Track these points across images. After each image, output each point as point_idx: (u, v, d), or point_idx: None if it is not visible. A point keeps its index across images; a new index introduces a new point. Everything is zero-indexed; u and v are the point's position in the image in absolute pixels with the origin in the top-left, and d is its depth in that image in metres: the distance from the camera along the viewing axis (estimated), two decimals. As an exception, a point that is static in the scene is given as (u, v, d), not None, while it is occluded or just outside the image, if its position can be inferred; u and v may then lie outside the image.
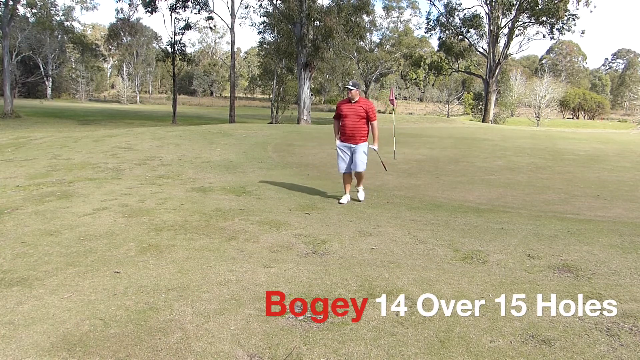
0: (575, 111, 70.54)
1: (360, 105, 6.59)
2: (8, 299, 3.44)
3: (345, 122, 6.61)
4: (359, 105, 6.58)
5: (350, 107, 6.60)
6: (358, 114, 6.56)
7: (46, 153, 11.52)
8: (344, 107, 6.65)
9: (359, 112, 6.56)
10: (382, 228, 5.54)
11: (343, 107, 6.65)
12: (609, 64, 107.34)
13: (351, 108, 6.59)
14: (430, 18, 46.10)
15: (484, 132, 23.80)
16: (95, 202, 6.54)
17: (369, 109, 6.60)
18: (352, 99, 6.57)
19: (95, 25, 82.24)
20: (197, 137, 15.70)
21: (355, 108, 6.58)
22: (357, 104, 6.58)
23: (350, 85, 6.54)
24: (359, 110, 6.56)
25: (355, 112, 6.57)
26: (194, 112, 50.70)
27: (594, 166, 12.63)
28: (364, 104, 6.62)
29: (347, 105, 6.61)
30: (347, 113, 6.59)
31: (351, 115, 6.57)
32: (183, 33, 36.35)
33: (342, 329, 3.09)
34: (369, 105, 6.68)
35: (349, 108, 6.60)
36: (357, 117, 6.56)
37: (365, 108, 6.58)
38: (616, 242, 4.98)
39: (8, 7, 31.91)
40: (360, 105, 6.59)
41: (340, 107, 6.71)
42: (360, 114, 6.56)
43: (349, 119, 6.57)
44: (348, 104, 6.61)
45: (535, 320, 3.20)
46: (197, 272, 4.02)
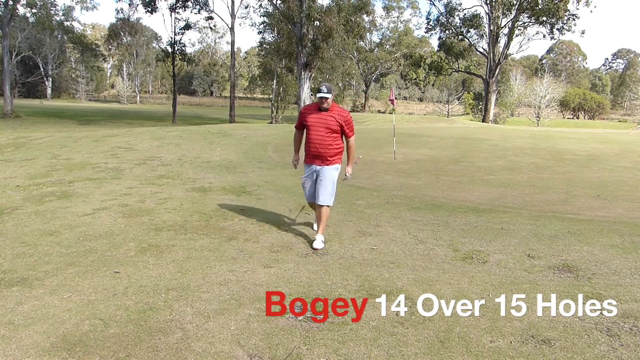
0: (576, 111, 70.53)
1: (333, 115, 4.81)
2: (8, 299, 3.44)
3: (311, 135, 4.87)
4: (331, 115, 4.80)
5: (319, 117, 4.83)
6: (328, 126, 4.79)
7: (46, 153, 11.52)
8: (309, 115, 4.88)
9: (330, 124, 4.79)
10: (382, 228, 5.55)
11: (308, 116, 4.88)
12: (609, 64, 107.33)
13: (319, 117, 4.82)
14: (430, 18, 46.12)
15: (484, 132, 23.80)
16: (95, 202, 6.54)
17: (344, 121, 4.83)
18: (323, 106, 4.81)
19: (95, 25, 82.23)
20: (197, 137, 15.70)
21: (325, 118, 4.80)
22: (328, 113, 4.82)
23: (325, 91, 4.71)
24: (329, 121, 4.80)
25: (324, 123, 4.80)
26: (194, 112, 50.70)
27: (594, 166, 12.63)
28: (338, 114, 4.83)
29: (315, 113, 4.85)
30: (312, 123, 4.83)
31: (318, 126, 4.81)
32: (183, 33, 36.35)
33: (342, 329, 3.09)
34: (345, 115, 4.87)
35: (317, 117, 4.83)
36: (327, 130, 4.80)
37: (339, 119, 4.80)
38: (616, 242, 4.98)
39: (8, 7, 31.90)
40: (332, 114, 4.81)
41: (304, 114, 4.94)
42: (331, 127, 4.80)
43: (315, 132, 4.83)
44: (316, 112, 4.85)
45: (535, 320, 3.20)
46: (197, 272, 4.02)
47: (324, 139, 4.82)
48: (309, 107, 4.95)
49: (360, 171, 10.70)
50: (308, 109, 4.93)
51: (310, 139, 4.88)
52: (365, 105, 69.99)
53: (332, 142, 4.86)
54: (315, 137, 4.84)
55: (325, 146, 4.83)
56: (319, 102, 4.79)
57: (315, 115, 4.85)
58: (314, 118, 4.84)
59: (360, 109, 68.95)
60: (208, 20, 37.41)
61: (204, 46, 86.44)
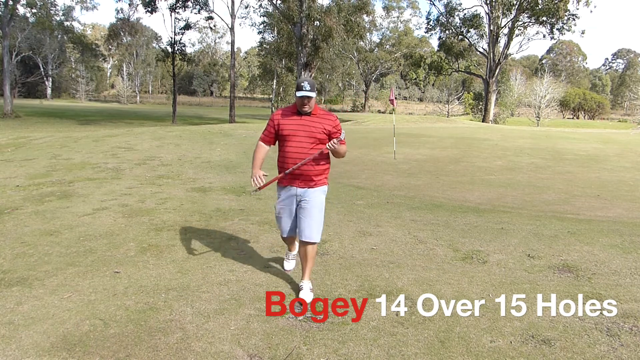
0: (576, 111, 70.56)
1: (318, 120, 3.64)
2: (8, 299, 3.44)
3: (289, 148, 3.63)
4: (316, 121, 3.63)
5: (301, 123, 3.63)
6: (313, 134, 3.61)
7: (46, 153, 11.52)
8: (286, 121, 3.67)
9: (316, 133, 3.61)
10: (382, 228, 5.54)
11: (285, 122, 3.67)
12: (609, 64, 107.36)
13: (302, 124, 3.63)
14: (430, 18, 46.15)
15: (484, 132, 23.80)
16: (95, 202, 6.54)
17: (333, 129, 3.65)
18: (305, 109, 3.60)
19: (95, 25, 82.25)
20: (197, 137, 15.70)
21: (309, 125, 3.62)
22: (311, 118, 3.63)
23: (308, 88, 3.52)
24: (314, 128, 3.61)
25: (308, 131, 3.61)
26: (194, 112, 50.72)
27: (594, 166, 12.63)
28: (326, 120, 3.66)
29: (295, 119, 3.65)
30: (292, 132, 3.63)
31: (300, 137, 3.61)
32: (183, 33, 36.35)
33: (342, 329, 3.09)
34: (333, 121, 3.68)
35: (297, 124, 3.64)
36: (312, 140, 3.61)
37: (326, 127, 3.63)
38: (616, 242, 4.98)
39: (8, 7, 31.90)
40: (317, 120, 3.64)
41: (278, 120, 3.70)
42: (316, 136, 3.61)
43: (295, 144, 3.61)
44: (296, 117, 3.65)
45: (535, 320, 3.20)
46: (197, 272, 4.02)
47: (307, 152, 3.57)
48: (285, 111, 3.71)
49: (360, 171, 10.70)
50: (283, 113, 3.69)
51: (289, 154, 3.60)
52: (365, 105, 70.03)
53: (319, 157, 3.63)
54: (297, 150, 3.57)
55: (310, 162, 3.59)
56: (299, 104, 3.55)
57: (294, 122, 3.61)
58: (294, 125, 3.61)
59: (360, 109, 68.98)
60: (208, 20, 37.42)
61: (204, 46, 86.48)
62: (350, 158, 12.79)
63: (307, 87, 3.50)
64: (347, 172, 10.29)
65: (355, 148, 15.09)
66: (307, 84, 3.51)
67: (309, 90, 3.51)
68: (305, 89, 3.49)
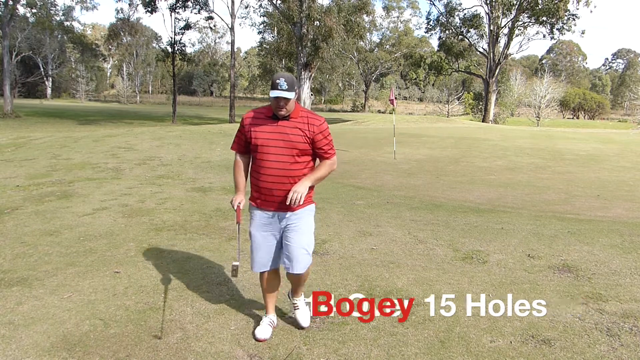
0: (576, 111, 70.56)
1: (298, 124, 2.90)
2: (8, 299, 3.44)
3: (264, 162, 2.91)
4: (295, 126, 2.89)
5: (275, 129, 2.90)
6: (293, 144, 2.88)
7: (46, 153, 11.52)
8: (259, 127, 2.93)
9: (296, 141, 2.88)
10: (382, 228, 5.54)
11: (257, 128, 2.92)
12: (609, 64, 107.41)
13: (278, 131, 2.90)
14: (430, 18, 46.16)
15: (484, 132, 23.80)
16: (95, 202, 6.54)
17: (318, 134, 2.91)
18: (281, 112, 2.85)
19: (95, 25, 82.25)
20: (197, 137, 15.70)
21: (286, 131, 2.89)
22: (290, 123, 2.90)
23: (284, 87, 2.77)
24: (294, 135, 2.88)
25: (286, 139, 2.88)
26: (194, 112, 50.71)
27: (594, 166, 12.63)
28: (309, 122, 2.91)
29: (270, 124, 2.91)
30: (266, 141, 2.90)
31: (276, 146, 2.89)
32: (183, 33, 36.34)
33: (342, 329, 3.09)
34: (318, 124, 2.92)
35: (272, 131, 2.90)
36: (292, 152, 2.88)
37: (309, 132, 2.90)
38: (616, 242, 4.98)
39: (8, 7, 31.91)
40: (297, 124, 2.90)
41: (249, 126, 2.95)
42: (297, 145, 2.88)
43: (271, 156, 2.89)
44: (271, 122, 2.91)
45: (535, 320, 3.20)
46: (197, 272, 4.02)
47: (288, 168, 2.85)
48: (257, 114, 2.94)
49: (360, 171, 10.70)
50: (255, 117, 2.93)
51: (265, 169, 2.87)
52: (365, 105, 70.03)
53: (302, 171, 2.89)
54: (274, 165, 2.85)
55: (291, 179, 2.86)
56: (274, 106, 2.81)
57: (268, 128, 2.86)
58: (268, 133, 2.86)
59: (360, 109, 68.97)
60: (208, 20, 37.44)
61: (204, 46, 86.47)
62: (350, 158, 12.79)
63: (283, 86, 2.72)
64: (347, 172, 10.29)
65: (355, 148, 15.09)
66: (283, 81, 2.73)
67: (285, 90, 2.72)
68: (281, 87, 2.72)
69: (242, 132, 2.98)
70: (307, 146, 2.89)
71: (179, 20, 36.03)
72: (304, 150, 2.89)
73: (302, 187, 2.83)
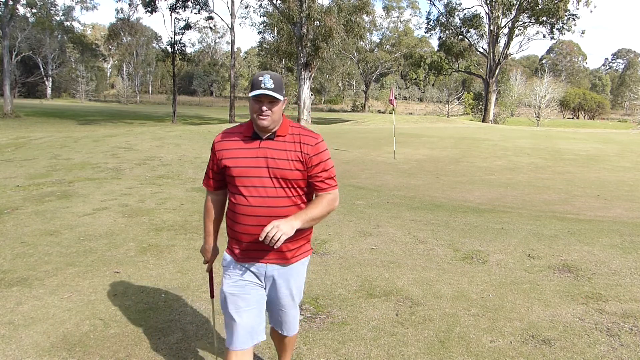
0: (576, 111, 70.56)
1: (289, 146, 2.08)
2: (8, 299, 3.44)
3: (242, 198, 2.09)
4: (284, 146, 2.08)
5: (259, 152, 2.08)
6: (282, 173, 2.07)
7: (46, 153, 11.51)
8: (237, 152, 2.11)
9: (285, 170, 2.07)
10: (382, 228, 5.54)
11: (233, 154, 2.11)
12: (609, 64, 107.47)
13: (261, 153, 2.08)
14: (430, 18, 46.19)
15: (484, 132, 23.80)
16: (95, 202, 6.54)
17: (314, 158, 2.08)
18: (263, 122, 2.02)
19: (95, 25, 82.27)
20: (197, 137, 15.70)
21: (273, 153, 2.07)
22: (278, 144, 2.08)
23: (269, 85, 1.98)
24: (282, 161, 2.07)
25: (272, 166, 2.07)
26: (194, 112, 50.72)
27: (594, 166, 12.63)
28: (301, 142, 2.09)
29: (250, 146, 2.10)
30: (245, 172, 2.08)
31: (260, 175, 2.07)
32: (183, 33, 36.33)
33: (342, 329, 3.09)
34: (314, 143, 2.09)
35: (254, 156, 2.08)
36: (278, 181, 2.07)
37: (302, 154, 2.07)
38: (616, 242, 4.98)
39: (8, 7, 31.91)
40: (286, 144, 2.08)
41: (222, 153, 2.14)
42: (286, 175, 2.07)
43: (252, 191, 2.07)
44: (251, 144, 2.09)
45: (535, 320, 3.20)
46: (197, 272, 4.02)
47: (273, 205, 2.07)
48: (231, 135, 2.16)
49: (360, 171, 10.70)
50: (229, 138, 2.15)
51: (242, 207, 2.09)
52: (365, 105, 70.03)
53: (292, 209, 2.09)
54: (254, 200, 2.07)
55: (271, 213, 2.06)
56: (255, 113, 2.02)
57: (247, 151, 2.09)
58: (246, 157, 2.08)
59: (360, 109, 68.97)
60: (208, 20, 37.44)
61: (204, 46, 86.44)
62: (350, 158, 12.80)
63: (267, 83, 1.96)
64: (347, 172, 10.29)
65: (355, 148, 15.10)
66: (268, 77, 1.97)
67: (271, 89, 1.96)
68: (265, 85, 1.96)
69: (214, 160, 2.16)
70: (298, 174, 2.04)
71: (179, 20, 36.02)
72: (294, 181, 2.05)
73: (285, 225, 1.93)
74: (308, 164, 2.08)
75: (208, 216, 2.33)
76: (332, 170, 2.15)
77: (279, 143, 2.07)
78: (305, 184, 2.13)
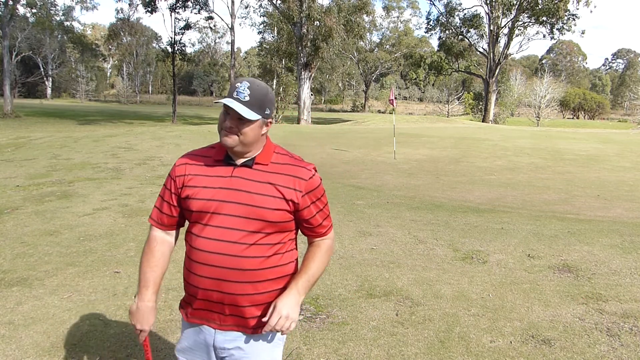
0: (576, 111, 70.57)
1: (272, 176, 1.55)
2: (8, 299, 3.44)
3: (203, 241, 1.54)
4: (267, 178, 1.54)
5: (232, 182, 1.53)
6: (256, 211, 1.50)
7: (46, 153, 11.51)
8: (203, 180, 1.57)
9: (263, 205, 1.51)
10: (382, 228, 5.54)
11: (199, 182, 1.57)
12: (609, 64, 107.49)
13: (234, 184, 1.53)
14: (430, 18, 46.20)
15: (484, 132, 23.80)
16: (95, 202, 6.54)
17: (307, 196, 1.56)
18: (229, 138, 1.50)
19: (95, 25, 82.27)
20: (197, 137, 15.69)
21: (249, 186, 1.52)
22: (257, 173, 1.55)
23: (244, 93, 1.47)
24: (260, 195, 1.51)
25: (246, 202, 1.51)
26: (194, 112, 50.70)
27: (594, 166, 12.63)
28: (290, 174, 1.56)
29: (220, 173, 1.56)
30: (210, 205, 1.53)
31: (230, 213, 1.51)
32: (183, 33, 36.30)
33: (342, 329, 3.09)
34: (308, 176, 1.57)
35: (226, 184, 1.53)
36: (254, 223, 1.51)
37: (290, 189, 1.53)
38: (616, 242, 4.98)
39: (8, 7, 31.91)
40: (269, 175, 1.55)
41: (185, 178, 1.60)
42: (265, 214, 1.51)
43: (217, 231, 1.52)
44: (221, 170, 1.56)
45: (535, 320, 3.20)
46: (197, 272, 4.01)
47: (244, 254, 1.52)
48: (197, 157, 1.65)
49: (360, 171, 10.70)
50: (195, 161, 1.63)
51: (203, 255, 1.56)
52: (365, 105, 70.06)
53: (269, 261, 1.56)
54: (218, 246, 1.53)
55: (249, 274, 1.54)
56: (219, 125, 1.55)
57: (216, 179, 1.57)
58: (213, 185, 1.56)
59: (360, 109, 68.99)
60: (208, 20, 37.40)
61: (204, 46, 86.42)
62: (350, 158, 12.80)
63: (242, 94, 1.48)
64: (347, 172, 10.30)
65: (355, 148, 15.09)
66: (245, 87, 1.49)
67: (243, 101, 1.47)
68: (239, 95, 1.48)
69: (172, 188, 1.62)
70: (283, 216, 1.54)
71: (179, 20, 35.99)
72: (277, 224, 1.53)
73: (294, 308, 1.51)
74: (300, 204, 1.55)
75: (148, 260, 1.73)
76: (327, 208, 1.67)
77: (258, 173, 1.54)
78: (291, 227, 1.60)
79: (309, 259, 1.65)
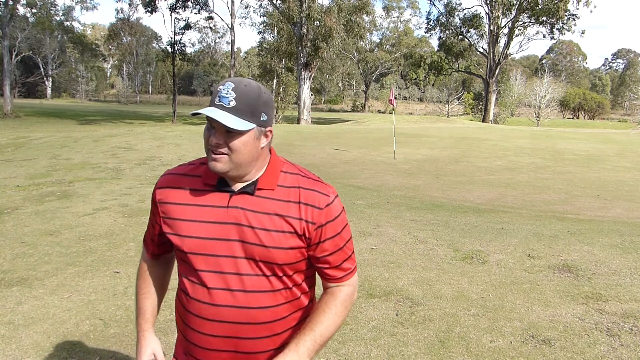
0: (576, 111, 70.58)
1: (278, 205, 1.20)
2: (8, 299, 3.44)
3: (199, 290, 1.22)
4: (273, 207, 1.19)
5: (228, 215, 1.19)
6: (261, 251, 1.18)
7: (46, 153, 11.51)
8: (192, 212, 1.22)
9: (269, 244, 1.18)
10: (382, 228, 5.54)
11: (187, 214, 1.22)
12: (609, 64, 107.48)
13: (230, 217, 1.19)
14: (430, 18, 46.19)
15: (484, 132, 23.79)
16: (95, 202, 6.53)
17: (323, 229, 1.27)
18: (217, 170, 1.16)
19: (95, 25, 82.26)
20: (197, 137, 15.69)
21: (251, 218, 1.18)
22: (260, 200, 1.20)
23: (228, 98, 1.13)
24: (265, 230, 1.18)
25: (248, 239, 1.18)
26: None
27: (594, 166, 12.63)
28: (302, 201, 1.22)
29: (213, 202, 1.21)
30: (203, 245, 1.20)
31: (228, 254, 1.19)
32: (183, 33, 36.29)
33: (342, 329, 3.09)
34: (324, 204, 1.26)
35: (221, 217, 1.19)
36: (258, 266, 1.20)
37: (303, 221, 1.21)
38: (616, 242, 4.98)
39: (8, 7, 31.91)
40: (275, 204, 1.20)
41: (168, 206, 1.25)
42: (272, 254, 1.19)
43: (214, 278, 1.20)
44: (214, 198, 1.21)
45: (535, 320, 3.20)
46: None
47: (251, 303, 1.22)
48: (184, 176, 1.28)
49: (360, 171, 10.70)
50: (178, 183, 1.27)
51: (198, 306, 1.24)
52: (365, 105, 70.05)
53: (279, 311, 1.28)
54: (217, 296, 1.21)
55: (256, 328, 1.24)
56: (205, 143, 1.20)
57: (207, 207, 1.22)
58: (206, 219, 1.21)
59: (360, 109, 69.00)
60: (208, 20, 37.41)
61: (204, 46, 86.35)
62: (350, 158, 12.80)
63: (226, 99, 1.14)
64: (347, 172, 10.30)
65: (355, 148, 15.10)
66: (230, 89, 1.15)
67: (227, 109, 1.14)
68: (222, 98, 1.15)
69: (156, 214, 1.32)
70: (294, 256, 1.26)
71: (179, 20, 35.98)
72: (288, 266, 1.27)
73: None
74: (314, 238, 1.25)
75: (140, 287, 1.48)
76: (350, 244, 1.37)
77: (262, 202, 1.20)
78: (305, 267, 1.34)
79: (318, 311, 1.31)
